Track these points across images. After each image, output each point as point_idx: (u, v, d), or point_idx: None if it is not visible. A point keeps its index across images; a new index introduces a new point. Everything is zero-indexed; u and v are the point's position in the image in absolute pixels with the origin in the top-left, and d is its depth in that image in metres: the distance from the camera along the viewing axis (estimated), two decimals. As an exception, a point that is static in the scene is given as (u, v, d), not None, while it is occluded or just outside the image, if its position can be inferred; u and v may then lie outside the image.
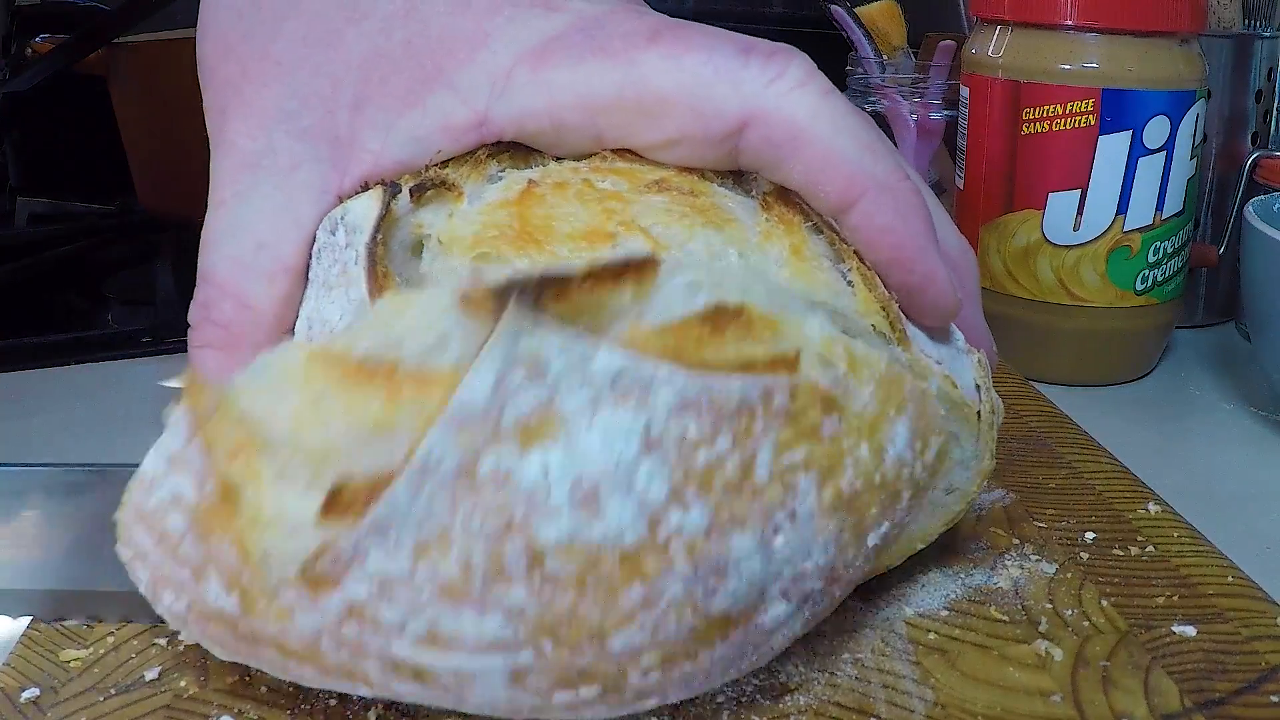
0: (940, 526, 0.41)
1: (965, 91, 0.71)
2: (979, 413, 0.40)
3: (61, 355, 0.78)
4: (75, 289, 0.97)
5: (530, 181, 0.39)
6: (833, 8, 0.88)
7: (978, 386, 0.40)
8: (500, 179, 0.40)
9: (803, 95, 0.37)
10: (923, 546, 0.42)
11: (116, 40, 0.90)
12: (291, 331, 0.39)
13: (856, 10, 0.88)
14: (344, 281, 0.38)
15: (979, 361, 0.41)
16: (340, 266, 0.38)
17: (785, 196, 0.39)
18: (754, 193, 0.41)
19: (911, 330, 0.39)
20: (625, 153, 0.41)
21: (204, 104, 0.40)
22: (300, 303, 0.39)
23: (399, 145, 0.38)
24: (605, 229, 0.36)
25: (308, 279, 0.40)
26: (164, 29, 0.95)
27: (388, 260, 0.37)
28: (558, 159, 0.41)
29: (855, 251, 0.38)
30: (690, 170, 0.40)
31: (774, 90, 0.37)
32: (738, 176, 0.42)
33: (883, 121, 0.88)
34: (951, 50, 0.84)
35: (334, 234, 0.40)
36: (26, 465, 0.44)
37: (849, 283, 0.38)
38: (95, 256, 1.01)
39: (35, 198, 1.10)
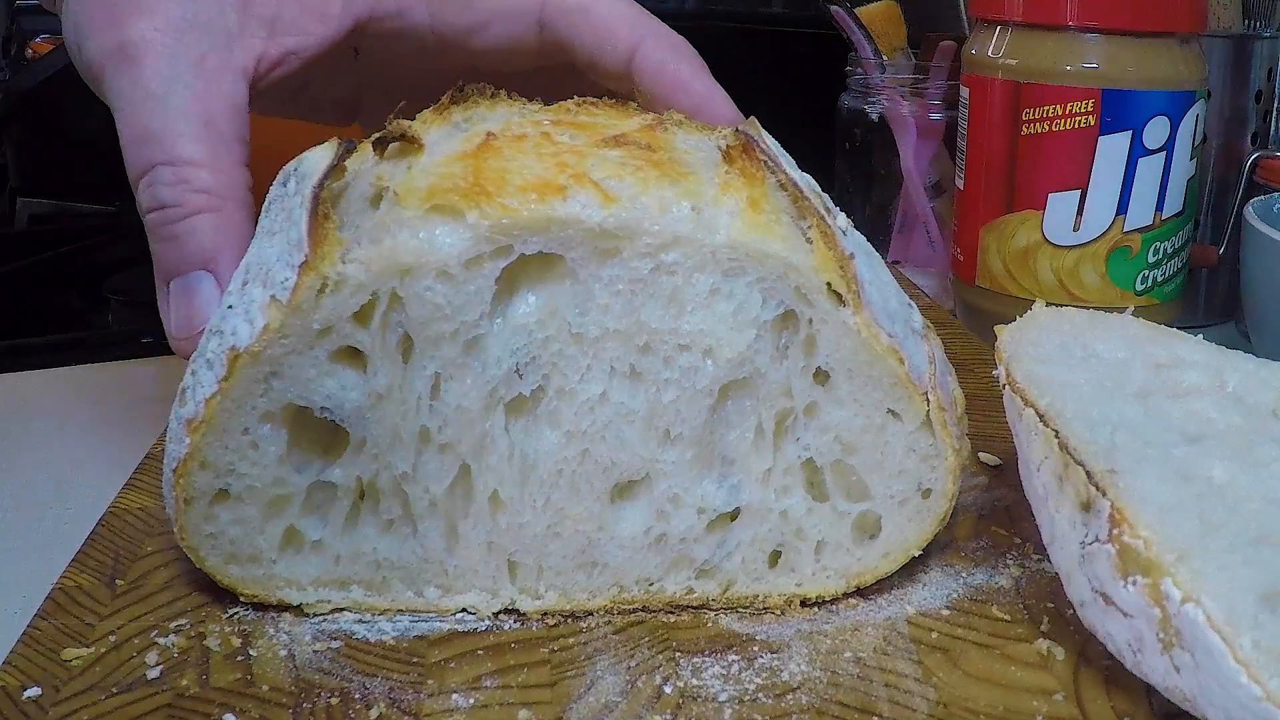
0: (930, 530, 0.41)
1: (965, 92, 0.71)
2: (926, 396, 0.39)
3: (61, 355, 0.78)
4: (75, 289, 0.97)
5: (489, 134, 0.40)
6: (833, 8, 0.88)
7: (931, 371, 0.40)
8: (464, 129, 0.42)
9: None
10: (917, 553, 0.42)
11: (116, 40, 0.90)
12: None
13: (856, 10, 0.88)
14: (286, 225, 0.39)
15: (932, 354, 0.41)
16: (286, 213, 0.40)
17: (750, 151, 0.40)
18: (718, 145, 0.42)
19: (868, 296, 0.39)
20: (589, 106, 0.43)
21: (93, 45, 0.47)
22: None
23: (281, 34, 0.48)
24: (557, 182, 0.38)
25: (255, 231, 0.43)
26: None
27: (340, 211, 0.39)
28: (521, 109, 0.44)
29: (815, 209, 0.39)
30: (653, 125, 0.42)
31: None
32: (705, 131, 0.43)
33: (883, 122, 0.88)
34: (951, 51, 0.84)
35: (285, 185, 0.42)
36: None
37: (808, 239, 0.38)
38: (95, 256, 1.01)
39: (35, 198, 1.10)
